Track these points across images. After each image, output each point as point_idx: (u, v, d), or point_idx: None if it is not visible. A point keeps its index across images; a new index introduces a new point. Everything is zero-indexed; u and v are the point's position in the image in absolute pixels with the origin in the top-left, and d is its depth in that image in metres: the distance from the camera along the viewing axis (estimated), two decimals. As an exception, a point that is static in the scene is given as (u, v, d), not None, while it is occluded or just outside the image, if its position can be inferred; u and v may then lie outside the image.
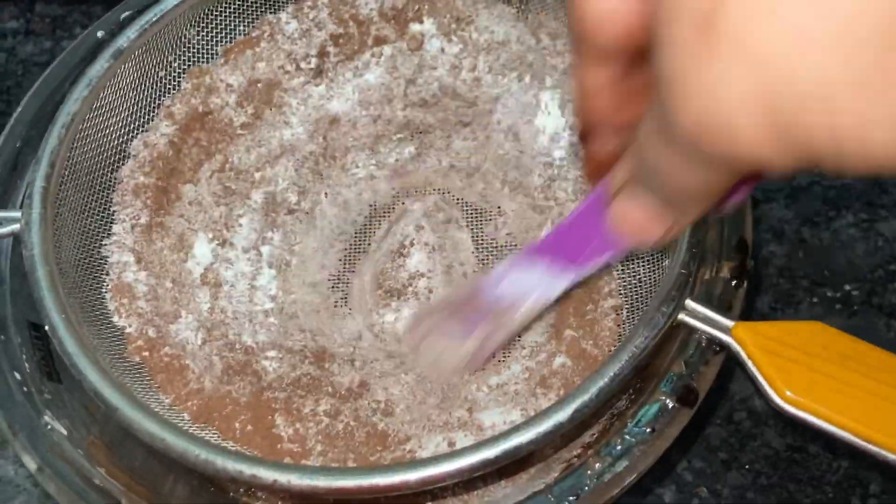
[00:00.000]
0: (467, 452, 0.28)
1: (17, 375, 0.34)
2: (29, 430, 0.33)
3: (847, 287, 0.42)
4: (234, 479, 0.29)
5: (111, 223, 0.38)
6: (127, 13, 0.41)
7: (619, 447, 0.31)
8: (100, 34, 0.40)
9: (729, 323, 0.31)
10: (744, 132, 0.15)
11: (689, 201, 0.20)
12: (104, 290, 0.36)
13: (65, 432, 0.33)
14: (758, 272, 0.42)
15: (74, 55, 0.40)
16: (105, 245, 0.37)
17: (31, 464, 0.32)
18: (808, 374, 0.29)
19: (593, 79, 0.21)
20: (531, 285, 0.28)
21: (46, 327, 0.32)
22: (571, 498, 0.30)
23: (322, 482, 0.28)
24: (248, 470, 0.29)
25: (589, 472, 0.31)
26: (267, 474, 0.29)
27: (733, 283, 0.34)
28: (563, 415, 0.29)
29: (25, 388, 0.34)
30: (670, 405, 0.31)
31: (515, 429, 0.28)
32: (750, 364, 0.30)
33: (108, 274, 0.37)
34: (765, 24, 0.14)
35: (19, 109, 0.39)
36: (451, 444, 0.32)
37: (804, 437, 0.38)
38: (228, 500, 0.33)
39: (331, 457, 0.33)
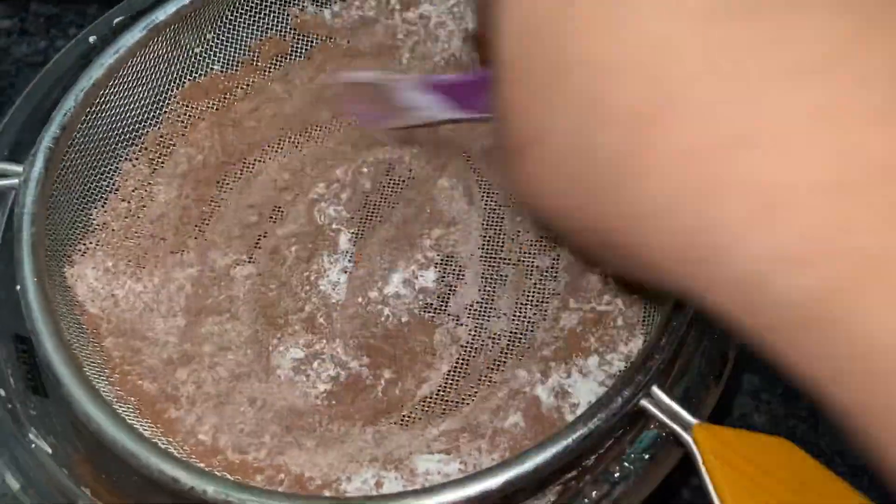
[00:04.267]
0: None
1: (2, 391, 0.34)
2: (12, 447, 0.34)
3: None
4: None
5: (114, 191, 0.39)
6: (119, 18, 0.40)
7: None
8: (91, 39, 0.40)
9: (691, 420, 0.29)
10: None
11: None
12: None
13: (49, 450, 0.34)
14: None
15: (67, 59, 0.40)
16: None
17: (13, 483, 0.33)
18: (761, 495, 0.27)
19: None
20: (426, 103, 0.34)
21: (18, 287, 0.33)
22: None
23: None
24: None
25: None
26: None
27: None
28: (493, 482, 0.28)
29: (10, 405, 0.34)
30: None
31: (444, 485, 0.29)
32: (704, 471, 0.28)
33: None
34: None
35: (6, 118, 0.39)
36: (378, 483, 0.32)
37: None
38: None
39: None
